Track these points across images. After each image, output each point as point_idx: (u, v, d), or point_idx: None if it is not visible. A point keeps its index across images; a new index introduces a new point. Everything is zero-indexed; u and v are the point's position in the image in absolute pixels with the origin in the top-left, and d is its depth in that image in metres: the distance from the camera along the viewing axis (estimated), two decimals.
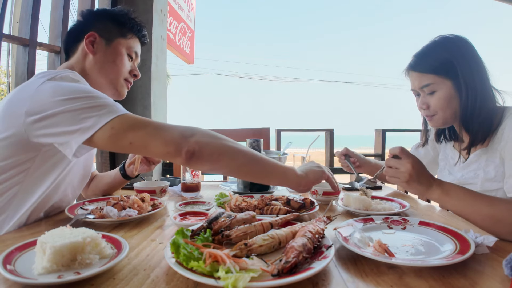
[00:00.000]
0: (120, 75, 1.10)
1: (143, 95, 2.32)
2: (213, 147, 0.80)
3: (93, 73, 1.07)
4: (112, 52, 1.08)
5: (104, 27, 1.07)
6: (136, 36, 1.14)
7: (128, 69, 1.13)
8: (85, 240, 0.62)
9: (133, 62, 1.16)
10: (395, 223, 0.86)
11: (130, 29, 1.12)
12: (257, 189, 1.33)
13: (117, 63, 1.08)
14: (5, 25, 1.56)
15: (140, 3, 2.26)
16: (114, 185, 1.32)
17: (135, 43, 1.14)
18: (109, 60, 1.07)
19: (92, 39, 1.05)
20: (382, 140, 2.77)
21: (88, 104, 0.80)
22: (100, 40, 1.06)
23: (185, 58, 5.42)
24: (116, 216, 0.91)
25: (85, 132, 0.77)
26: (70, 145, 0.80)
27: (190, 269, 0.55)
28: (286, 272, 0.54)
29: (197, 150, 0.77)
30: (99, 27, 1.07)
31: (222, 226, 0.74)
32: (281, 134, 2.66)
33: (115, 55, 1.08)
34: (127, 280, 0.58)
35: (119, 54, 1.08)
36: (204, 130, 0.82)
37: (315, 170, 0.94)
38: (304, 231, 0.66)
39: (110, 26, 1.08)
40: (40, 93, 0.83)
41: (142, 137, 0.78)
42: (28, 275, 0.57)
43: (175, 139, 0.77)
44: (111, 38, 1.08)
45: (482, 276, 0.60)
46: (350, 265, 0.65)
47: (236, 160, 0.82)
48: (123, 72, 1.10)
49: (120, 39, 1.09)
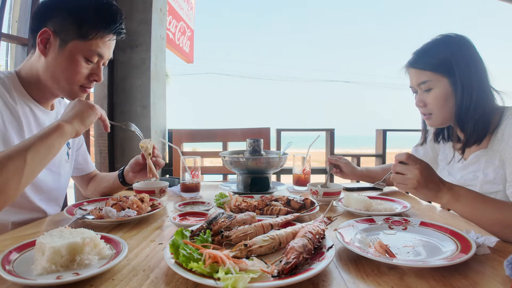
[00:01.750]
0: (73, 83, 0.97)
1: (142, 94, 2.32)
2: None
3: (44, 77, 0.96)
4: (65, 58, 0.93)
5: (62, 23, 0.92)
6: (106, 34, 0.96)
7: (85, 74, 0.98)
8: (84, 240, 0.62)
9: (97, 64, 1.00)
10: (396, 223, 0.86)
11: (93, 27, 0.92)
12: (257, 190, 1.33)
13: (69, 71, 0.94)
14: (4, 24, 1.55)
15: (139, 2, 2.25)
16: (112, 190, 1.30)
17: (100, 44, 0.96)
18: (60, 66, 0.94)
19: (46, 36, 0.92)
20: (383, 140, 2.77)
21: None
22: (54, 39, 0.92)
23: (185, 58, 5.42)
24: (115, 216, 0.90)
25: None
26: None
27: (190, 270, 0.55)
28: (286, 273, 0.54)
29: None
30: (57, 22, 0.92)
31: (222, 226, 0.74)
32: (281, 134, 2.66)
33: (67, 62, 0.93)
34: (126, 280, 0.58)
35: (73, 61, 0.93)
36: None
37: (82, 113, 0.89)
38: (305, 231, 0.66)
39: (68, 23, 0.91)
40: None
41: None
42: (27, 275, 0.57)
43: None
44: (67, 39, 0.92)
45: (483, 277, 0.60)
46: (350, 266, 0.64)
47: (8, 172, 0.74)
48: (76, 80, 0.97)
49: (77, 42, 0.92)
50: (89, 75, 1.00)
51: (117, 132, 2.33)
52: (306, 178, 1.42)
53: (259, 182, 1.34)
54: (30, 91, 1.02)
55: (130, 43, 2.27)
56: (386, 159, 2.79)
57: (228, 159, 1.34)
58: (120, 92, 2.33)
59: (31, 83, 1.01)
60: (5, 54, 1.82)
